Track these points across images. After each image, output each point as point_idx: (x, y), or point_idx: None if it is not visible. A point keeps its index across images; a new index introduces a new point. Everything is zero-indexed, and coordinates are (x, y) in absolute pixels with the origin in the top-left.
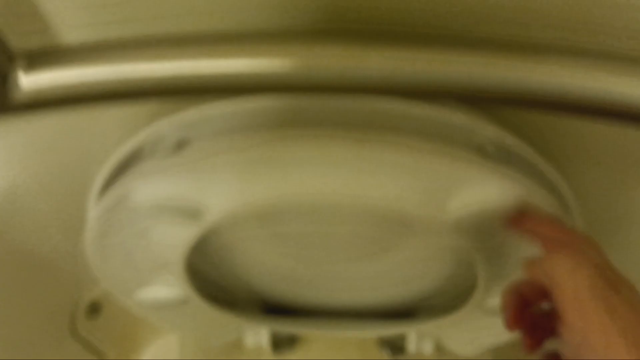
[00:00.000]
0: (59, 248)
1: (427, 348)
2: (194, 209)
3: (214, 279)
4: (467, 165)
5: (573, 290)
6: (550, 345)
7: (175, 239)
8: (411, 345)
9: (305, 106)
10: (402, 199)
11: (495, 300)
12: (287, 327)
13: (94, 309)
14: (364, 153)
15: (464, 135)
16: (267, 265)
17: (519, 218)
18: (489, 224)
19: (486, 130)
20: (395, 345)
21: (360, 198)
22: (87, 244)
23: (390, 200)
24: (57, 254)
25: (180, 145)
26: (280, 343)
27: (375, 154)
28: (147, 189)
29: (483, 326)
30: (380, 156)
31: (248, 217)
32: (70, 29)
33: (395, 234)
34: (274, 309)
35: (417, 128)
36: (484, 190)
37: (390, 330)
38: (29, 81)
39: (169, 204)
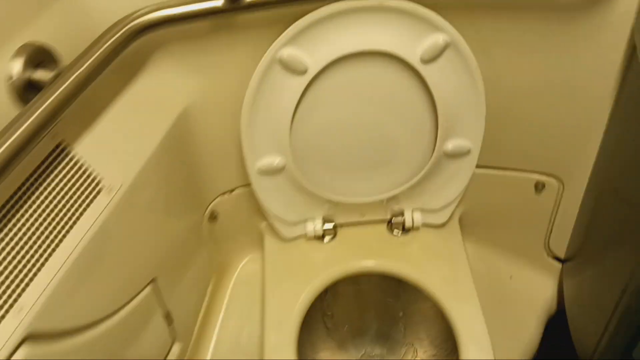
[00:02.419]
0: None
1: (417, 218)
2: (303, 66)
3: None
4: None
5: None
6: None
7: (289, 93)
8: (408, 220)
9: None
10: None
11: (452, 142)
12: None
13: (213, 216)
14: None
15: None
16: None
17: None
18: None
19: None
20: (400, 226)
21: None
22: (243, 111)
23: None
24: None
25: None
26: (326, 233)
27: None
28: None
29: (448, 175)
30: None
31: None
32: None
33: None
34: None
35: None
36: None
37: (395, 192)
38: None
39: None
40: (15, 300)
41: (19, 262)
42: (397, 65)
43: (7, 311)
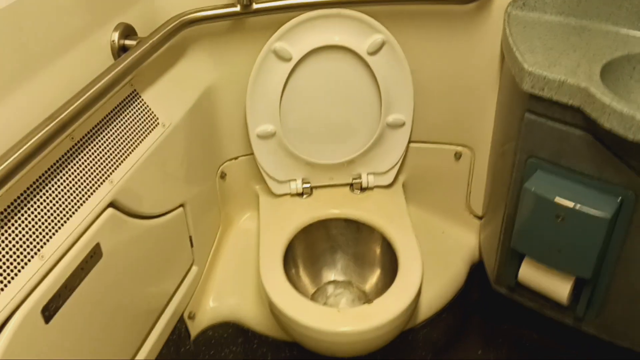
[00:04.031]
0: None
1: (371, 179)
2: (289, 55)
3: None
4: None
5: None
6: None
7: (279, 75)
8: (364, 181)
9: None
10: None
11: (392, 116)
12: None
13: (223, 175)
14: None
15: None
16: (311, 114)
17: None
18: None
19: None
20: (358, 186)
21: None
22: (248, 89)
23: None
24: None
25: None
26: (304, 192)
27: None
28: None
29: (390, 143)
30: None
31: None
32: None
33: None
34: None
35: None
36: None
37: (353, 156)
38: None
39: (281, 52)
40: (109, 175)
41: (110, 154)
42: (351, 57)
43: (103, 181)
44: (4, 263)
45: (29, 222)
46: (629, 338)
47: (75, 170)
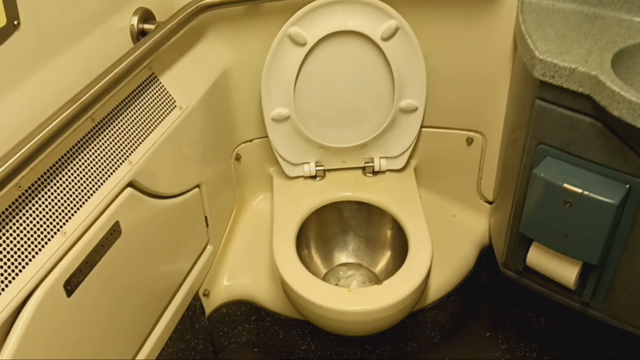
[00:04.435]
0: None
1: (383, 163)
2: (304, 40)
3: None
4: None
5: None
6: None
7: (294, 60)
8: (376, 164)
9: None
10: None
11: (404, 101)
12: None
13: (238, 157)
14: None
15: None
16: (323, 97)
17: None
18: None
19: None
20: (370, 170)
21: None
22: (263, 73)
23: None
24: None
25: None
26: (318, 174)
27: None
28: (291, 29)
29: (403, 128)
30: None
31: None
32: None
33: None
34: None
35: None
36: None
37: (366, 140)
38: None
39: (296, 37)
40: (128, 156)
41: (129, 135)
42: (365, 42)
43: (123, 162)
44: (29, 239)
45: (52, 200)
46: (634, 323)
47: (95, 151)
